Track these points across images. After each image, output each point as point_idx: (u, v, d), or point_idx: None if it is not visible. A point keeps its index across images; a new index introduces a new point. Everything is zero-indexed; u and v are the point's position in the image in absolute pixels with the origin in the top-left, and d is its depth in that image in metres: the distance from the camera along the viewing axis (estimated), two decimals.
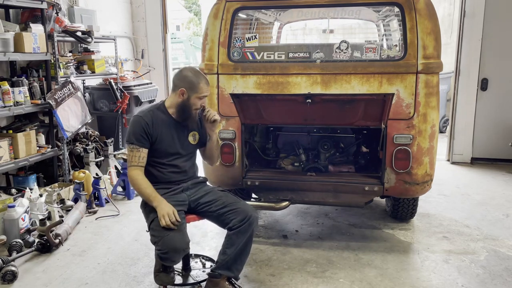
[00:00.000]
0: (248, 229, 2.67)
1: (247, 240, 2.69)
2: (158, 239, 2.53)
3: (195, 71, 2.79)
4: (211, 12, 3.58)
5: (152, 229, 2.61)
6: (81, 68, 5.15)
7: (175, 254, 2.53)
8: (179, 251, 2.53)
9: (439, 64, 3.28)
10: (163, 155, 2.78)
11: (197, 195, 2.84)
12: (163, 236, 2.51)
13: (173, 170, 2.81)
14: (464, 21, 5.84)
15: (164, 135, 2.76)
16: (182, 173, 2.85)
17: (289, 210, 4.27)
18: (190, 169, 2.92)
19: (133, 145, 2.69)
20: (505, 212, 4.33)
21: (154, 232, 2.58)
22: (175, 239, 2.51)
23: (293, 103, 3.17)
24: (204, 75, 2.80)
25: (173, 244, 2.49)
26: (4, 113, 3.94)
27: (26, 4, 4.22)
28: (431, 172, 3.38)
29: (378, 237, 3.74)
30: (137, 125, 2.71)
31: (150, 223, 2.64)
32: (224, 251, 2.70)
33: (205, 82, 2.75)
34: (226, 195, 2.85)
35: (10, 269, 3.03)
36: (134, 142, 2.69)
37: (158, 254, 2.56)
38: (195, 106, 2.75)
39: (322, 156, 3.87)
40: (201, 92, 2.72)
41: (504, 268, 3.20)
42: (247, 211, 2.71)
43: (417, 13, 3.24)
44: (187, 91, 2.71)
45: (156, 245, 2.57)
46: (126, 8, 6.70)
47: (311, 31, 6.32)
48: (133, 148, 2.69)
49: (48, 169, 4.71)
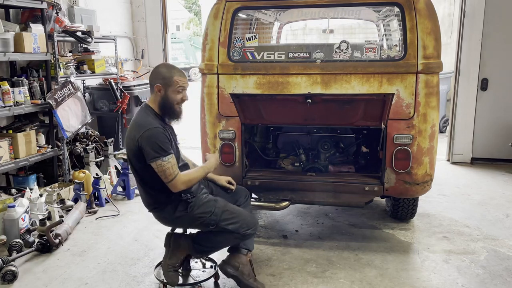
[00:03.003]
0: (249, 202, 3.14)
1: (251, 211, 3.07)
2: (243, 221, 2.73)
3: (168, 65, 2.79)
4: (211, 12, 3.58)
5: (226, 219, 2.70)
6: (81, 68, 5.16)
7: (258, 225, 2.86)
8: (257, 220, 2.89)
9: (439, 64, 3.28)
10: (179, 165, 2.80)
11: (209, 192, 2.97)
12: (245, 217, 2.76)
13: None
14: (464, 21, 5.84)
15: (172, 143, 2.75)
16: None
17: (289, 210, 4.27)
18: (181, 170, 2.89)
19: (168, 155, 2.53)
20: (505, 212, 4.33)
21: (233, 219, 2.72)
22: (248, 214, 2.84)
23: (293, 103, 3.17)
24: (178, 68, 2.75)
25: (254, 218, 2.87)
26: (4, 113, 3.94)
27: (26, 4, 4.22)
28: (431, 172, 3.38)
29: (378, 237, 3.74)
30: (160, 135, 2.56)
31: (221, 215, 2.71)
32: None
33: (179, 74, 2.70)
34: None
35: (10, 269, 3.03)
36: (168, 151, 2.54)
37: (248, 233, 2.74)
38: (176, 100, 2.69)
39: (322, 156, 3.87)
40: (176, 83, 2.67)
41: (504, 268, 3.20)
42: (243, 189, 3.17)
43: (417, 13, 3.24)
44: (163, 86, 2.67)
45: (242, 228, 2.71)
46: (126, 8, 6.71)
47: (311, 31, 6.33)
48: (169, 158, 2.53)
49: (48, 169, 4.71)
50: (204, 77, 3.61)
